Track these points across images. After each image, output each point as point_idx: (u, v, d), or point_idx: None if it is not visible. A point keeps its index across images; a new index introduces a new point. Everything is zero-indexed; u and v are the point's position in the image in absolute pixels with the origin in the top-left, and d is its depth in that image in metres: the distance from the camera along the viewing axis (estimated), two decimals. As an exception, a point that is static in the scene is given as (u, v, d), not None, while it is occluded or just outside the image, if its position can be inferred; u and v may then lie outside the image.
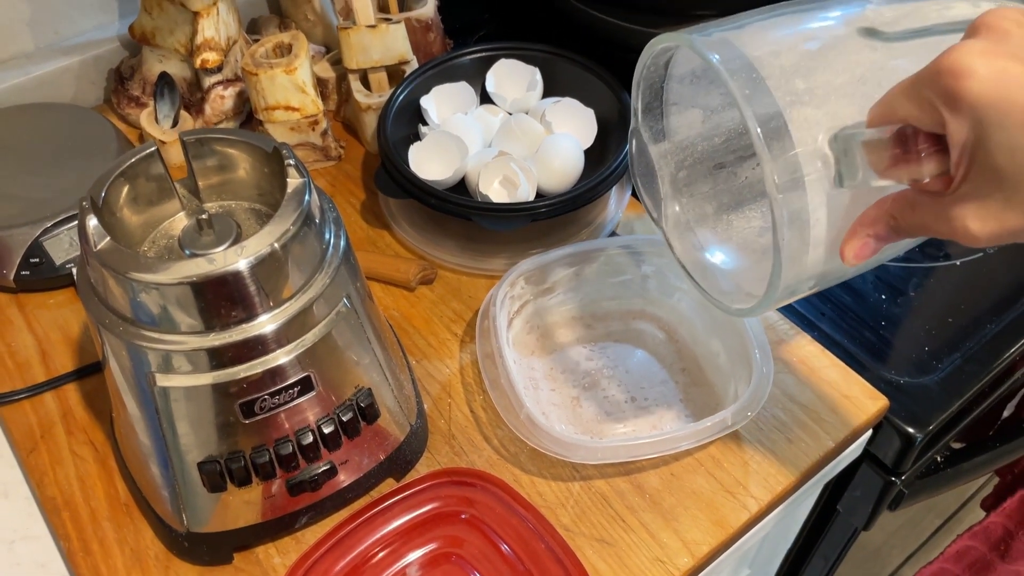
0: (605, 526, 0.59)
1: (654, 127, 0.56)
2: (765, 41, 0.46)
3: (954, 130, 0.36)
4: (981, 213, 0.37)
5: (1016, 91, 0.34)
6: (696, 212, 0.58)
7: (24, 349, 0.70)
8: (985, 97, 0.34)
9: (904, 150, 0.38)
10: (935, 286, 0.77)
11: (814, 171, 0.43)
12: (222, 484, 0.53)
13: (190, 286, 0.47)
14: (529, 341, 0.70)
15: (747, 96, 0.43)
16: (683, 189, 0.58)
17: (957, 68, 0.35)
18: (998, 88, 0.34)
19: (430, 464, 0.62)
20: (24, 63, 0.87)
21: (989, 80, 0.34)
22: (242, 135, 0.54)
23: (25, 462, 0.63)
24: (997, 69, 0.35)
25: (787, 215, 0.44)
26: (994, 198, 0.36)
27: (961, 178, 0.37)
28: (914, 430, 0.67)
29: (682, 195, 0.58)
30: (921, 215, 0.40)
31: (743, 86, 0.44)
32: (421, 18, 0.88)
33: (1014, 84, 0.34)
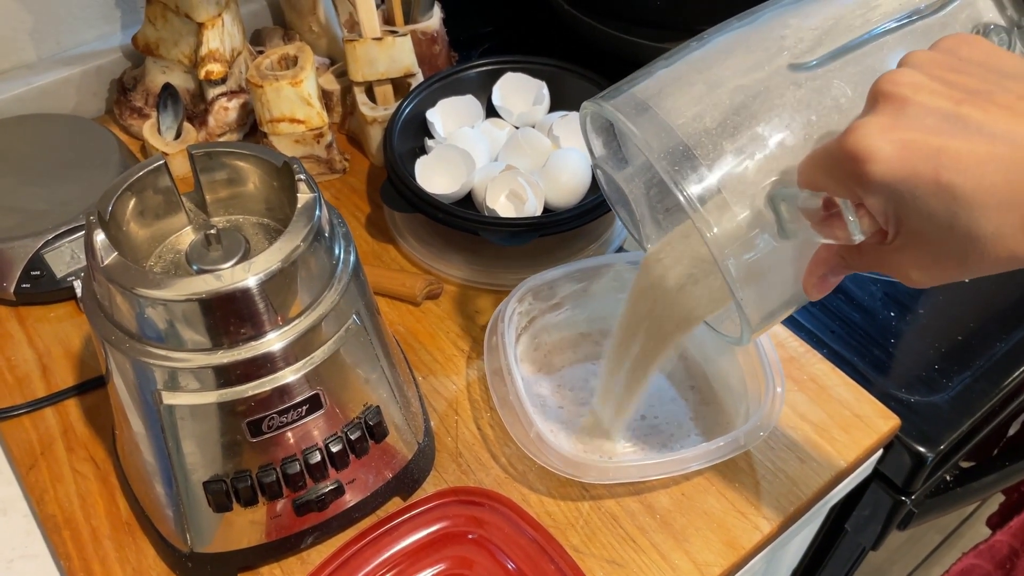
0: (616, 547, 0.58)
1: (616, 155, 0.56)
2: (689, 101, 0.45)
3: (871, 205, 0.37)
4: (919, 263, 0.38)
5: (920, 163, 0.34)
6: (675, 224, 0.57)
7: (24, 363, 0.69)
8: (891, 176, 0.35)
9: (836, 214, 0.39)
10: (944, 303, 0.76)
11: (757, 228, 0.43)
12: (227, 504, 0.52)
13: (198, 303, 0.46)
14: (536, 357, 0.69)
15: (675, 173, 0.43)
16: (657, 206, 0.57)
17: (860, 153, 0.36)
18: (903, 165, 0.35)
19: (437, 483, 0.62)
20: (26, 73, 0.87)
21: (892, 160, 0.35)
22: (251, 148, 0.54)
23: (25, 479, 0.62)
24: (898, 146, 0.35)
25: (736, 274, 0.44)
26: (927, 251, 0.37)
27: (893, 235, 0.38)
28: (925, 449, 0.66)
29: (658, 212, 0.58)
30: (867, 259, 0.41)
31: (673, 164, 0.43)
32: (427, 30, 0.87)
33: (917, 157, 0.34)
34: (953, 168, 0.34)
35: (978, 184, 0.34)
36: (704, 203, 0.43)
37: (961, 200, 0.34)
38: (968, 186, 0.34)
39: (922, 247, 0.37)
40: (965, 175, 0.34)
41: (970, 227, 0.34)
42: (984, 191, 0.34)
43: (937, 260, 0.37)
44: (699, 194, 0.43)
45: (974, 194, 0.34)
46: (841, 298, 0.76)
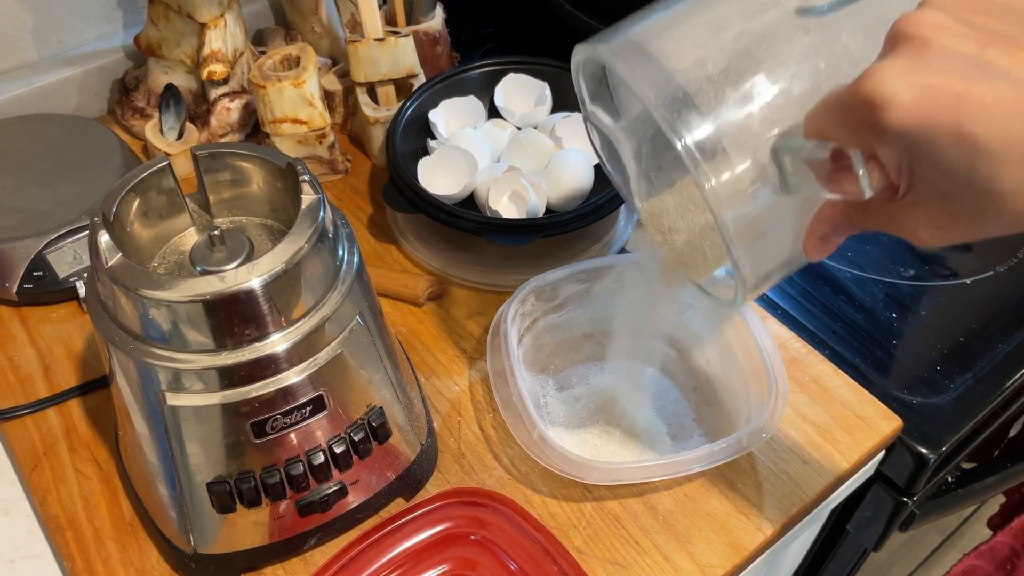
0: (618, 548, 0.58)
1: (607, 108, 0.53)
2: (690, 45, 0.42)
3: (885, 156, 0.35)
4: (930, 220, 0.35)
5: (941, 111, 0.32)
6: (667, 183, 0.55)
7: (26, 364, 0.69)
8: (909, 125, 0.33)
9: (845, 166, 0.37)
10: (945, 305, 0.76)
11: (759, 182, 0.41)
12: (231, 505, 0.52)
13: (202, 304, 0.46)
14: (539, 358, 0.69)
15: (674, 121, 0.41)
16: (650, 163, 0.55)
17: (876, 98, 0.33)
18: (922, 112, 0.32)
19: (440, 484, 0.62)
20: (27, 73, 0.87)
21: (911, 106, 0.33)
22: (255, 149, 0.54)
23: (27, 479, 0.62)
24: (918, 92, 0.33)
25: (734, 230, 0.42)
26: (940, 208, 0.35)
27: (905, 191, 0.36)
28: (927, 450, 0.66)
29: (650, 169, 0.55)
30: (875, 217, 0.38)
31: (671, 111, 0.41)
32: (429, 31, 0.87)
33: (938, 104, 0.32)
34: (976, 117, 0.32)
35: (1002, 135, 0.31)
36: (703, 153, 0.40)
37: (983, 152, 0.32)
38: (991, 137, 0.31)
39: (935, 203, 0.35)
40: (989, 125, 0.31)
41: (990, 182, 0.32)
42: (1008, 143, 0.31)
43: (951, 218, 0.35)
44: (698, 143, 0.40)
45: (997, 146, 0.31)
46: (843, 299, 0.76)
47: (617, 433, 0.64)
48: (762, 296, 0.75)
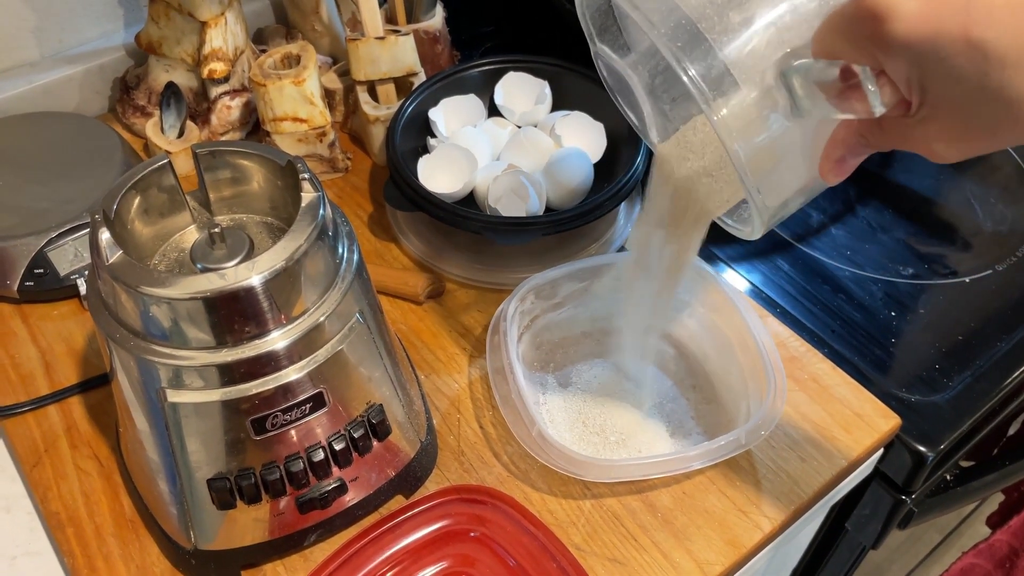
0: (617, 545, 0.58)
1: (616, 42, 0.51)
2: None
3: (893, 70, 0.34)
4: (945, 135, 0.35)
5: (947, 18, 0.31)
6: (682, 116, 0.54)
7: (28, 361, 0.69)
8: (915, 35, 0.32)
9: (855, 85, 0.36)
10: (944, 303, 0.76)
11: (768, 106, 0.40)
12: (231, 501, 0.52)
13: (203, 301, 0.46)
14: (538, 356, 0.69)
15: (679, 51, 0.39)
16: (663, 96, 0.53)
17: (880, 10, 0.32)
18: (927, 21, 0.31)
19: (439, 481, 0.62)
20: (28, 72, 0.87)
21: (915, 16, 0.31)
22: (255, 148, 0.54)
23: (28, 476, 0.62)
24: (919, 3, 0.31)
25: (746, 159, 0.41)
26: (954, 120, 0.34)
27: (917, 105, 0.35)
28: (925, 449, 0.66)
29: (663, 102, 0.54)
30: (889, 136, 0.38)
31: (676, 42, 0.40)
32: (429, 30, 0.88)
33: (943, 11, 0.31)
34: (984, 22, 0.30)
35: (1013, 40, 0.30)
36: (711, 84, 0.39)
37: (993, 59, 0.31)
38: (1002, 42, 0.30)
39: (949, 116, 0.34)
40: (998, 30, 0.30)
41: (1003, 89, 0.31)
42: (1020, 48, 0.30)
43: (966, 130, 0.34)
44: (705, 74, 0.39)
45: (1008, 51, 0.30)
46: (842, 297, 0.76)
47: (616, 430, 0.64)
48: (761, 294, 0.76)
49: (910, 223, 0.83)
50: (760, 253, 0.80)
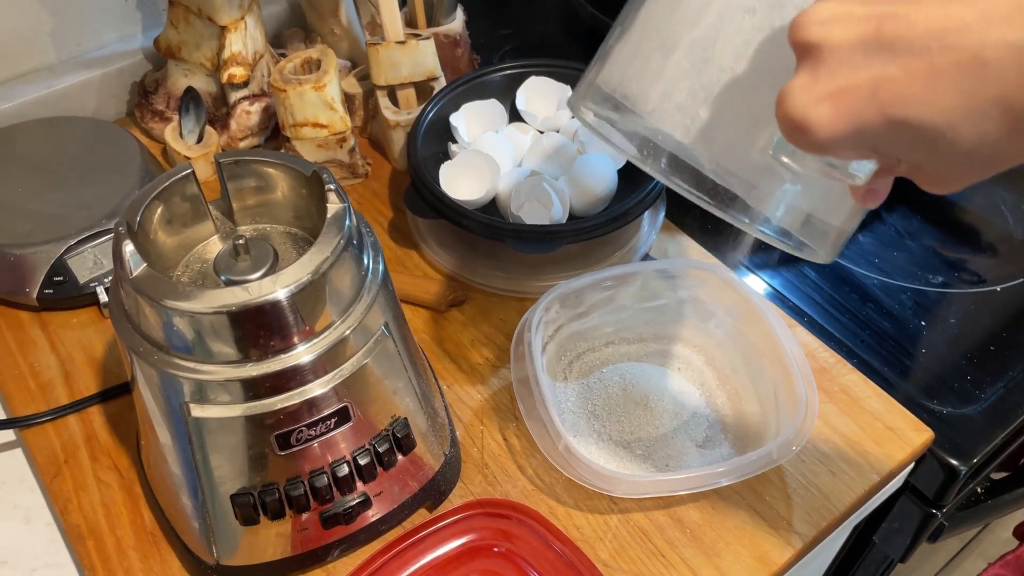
0: (645, 562, 0.57)
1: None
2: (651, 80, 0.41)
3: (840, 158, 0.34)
4: (934, 180, 0.34)
5: (862, 110, 0.30)
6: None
7: (47, 370, 0.68)
8: (839, 136, 0.31)
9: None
10: (975, 312, 0.75)
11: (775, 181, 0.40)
12: (255, 517, 0.52)
13: (227, 315, 0.45)
14: (563, 366, 0.68)
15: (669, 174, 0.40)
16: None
17: (795, 124, 0.32)
18: (845, 120, 0.31)
19: (463, 494, 0.61)
20: (46, 76, 0.86)
21: (830, 121, 0.31)
22: (279, 157, 0.53)
23: (48, 487, 0.62)
24: (830, 103, 0.31)
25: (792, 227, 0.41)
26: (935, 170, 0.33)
27: (895, 164, 0.34)
28: (958, 462, 0.65)
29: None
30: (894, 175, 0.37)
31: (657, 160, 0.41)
32: (449, 33, 0.87)
33: (855, 105, 0.30)
34: (898, 102, 0.30)
35: (932, 107, 0.29)
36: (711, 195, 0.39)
37: (924, 129, 0.30)
38: (923, 114, 0.29)
39: (928, 169, 0.33)
40: (914, 104, 0.29)
41: (954, 146, 0.30)
42: (943, 111, 0.29)
43: (949, 174, 0.33)
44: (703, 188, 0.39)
45: (935, 119, 0.29)
46: (871, 307, 0.75)
47: (643, 443, 0.63)
48: (787, 302, 0.74)
49: (938, 230, 0.82)
50: (786, 261, 0.79)
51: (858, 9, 0.31)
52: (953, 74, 0.28)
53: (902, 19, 0.30)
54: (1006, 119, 0.29)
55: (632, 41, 0.43)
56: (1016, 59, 0.27)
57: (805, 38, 0.32)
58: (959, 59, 0.28)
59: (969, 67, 0.28)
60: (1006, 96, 0.28)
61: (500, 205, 0.74)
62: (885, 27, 0.30)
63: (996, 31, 0.28)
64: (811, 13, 0.32)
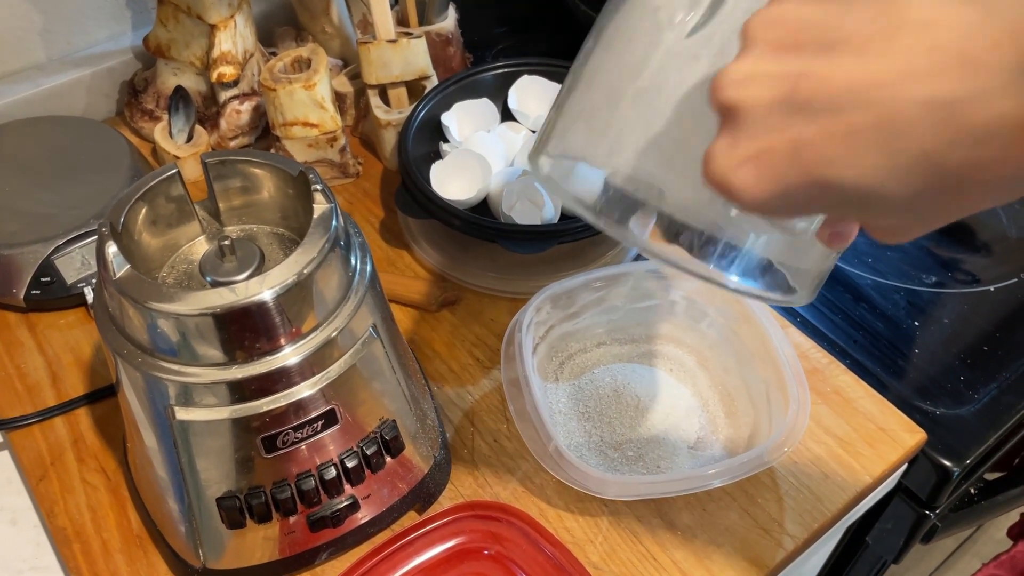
0: (636, 564, 0.57)
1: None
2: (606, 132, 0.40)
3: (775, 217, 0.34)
4: (881, 232, 0.33)
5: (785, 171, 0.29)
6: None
7: (34, 371, 0.68)
8: (765, 197, 0.30)
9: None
10: (969, 313, 0.75)
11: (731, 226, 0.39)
12: (241, 520, 0.51)
13: (212, 317, 0.45)
14: (554, 367, 0.68)
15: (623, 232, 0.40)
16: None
17: (720, 187, 0.31)
18: (769, 183, 0.30)
19: (453, 497, 0.60)
20: (35, 75, 0.86)
21: (754, 184, 0.30)
22: (266, 157, 0.52)
23: (35, 490, 0.61)
24: (752, 166, 0.30)
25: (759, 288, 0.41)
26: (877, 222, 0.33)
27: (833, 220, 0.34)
28: (951, 463, 0.64)
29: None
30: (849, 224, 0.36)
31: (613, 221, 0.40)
32: (441, 32, 0.86)
33: (778, 167, 0.29)
34: (821, 163, 0.28)
35: (855, 167, 0.28)
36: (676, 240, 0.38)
37: (851, 189, 0.29)
38: (847, 175, 0.28)
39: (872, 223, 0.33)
40: (837, 165, 0.28)
41: (887, 203, 0.29)
42: (867, 171, 0.28)
43: (896, 228, 0.32)
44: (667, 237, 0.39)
45: (859, 179, 0.28)
46: (864, 307, 0.74)
47: (635, 445, 0.62)
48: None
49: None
50: (779, 261, 0.78)
51: (774, 67, 0.30)
52: (872, 133, 0.27)
53: (817, 77, 0.28)
54: (934, 176, 0.27)
55: (579, 95, 0.42)
56: (935, 116, 0.26)
57: (722, 99, 0.31)
58: (877, 118, 0.27)
59: (888, 125, 0.27)
60: (929, 153, 0.27)
61: (492, 205, 0.74)
62: (801, 86, 0.29)
63: (913, 88, 0.26)
64: (728, 73, 0.31)
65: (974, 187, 0.28)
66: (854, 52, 0.28)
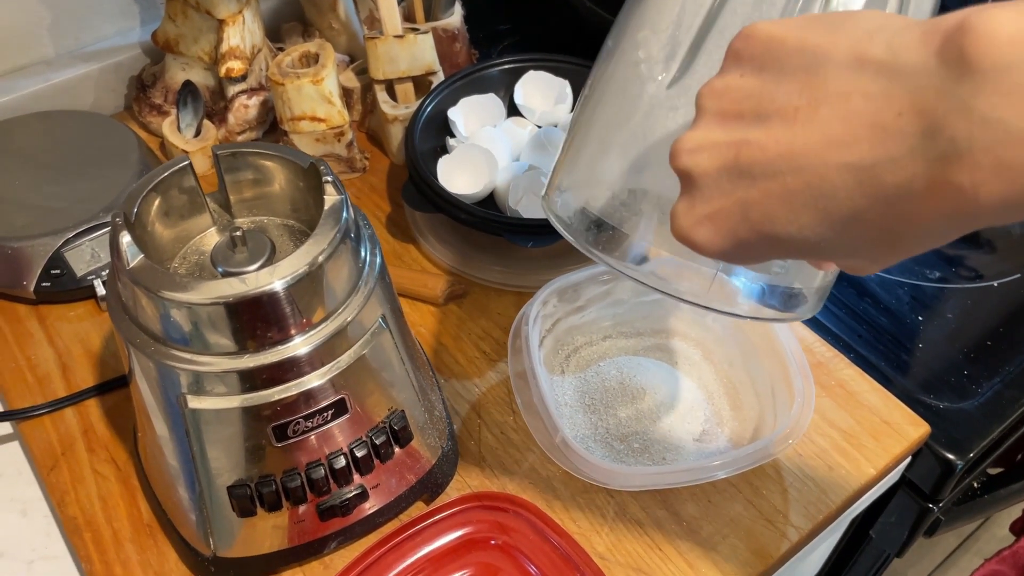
0: (641, 555, 0.57)
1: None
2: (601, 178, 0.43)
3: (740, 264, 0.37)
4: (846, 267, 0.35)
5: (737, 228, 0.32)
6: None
7: (44, 363, 0.68)
8: (724, 251, 0.33)
9: None
10: (972, 308, 0.75)
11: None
12: (252, 509, 0.52)
13: (224, 306, 0.45)
14: (560, 360, 0.68)
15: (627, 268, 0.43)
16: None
17: (686, 242, 0.34)
18: (725, 239, 0.33)
19: (460, 487, 0.61)
20: (44, 70, 0.86)
21: (712, 240, 0.33)
22: (277, 149, 0.53)
23: (45, 480, 0.62)
24: (708, 225, 0.33)
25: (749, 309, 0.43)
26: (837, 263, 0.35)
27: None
28: (954, 457, 0.65)
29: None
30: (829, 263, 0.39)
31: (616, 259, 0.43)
32: (448, 28, 0.86)
33: (730, 225, 0.32)
34: (766, 221, 0.31)
35: (796, 225, 0.31)
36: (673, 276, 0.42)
37: (795, 244, 0.31)
38: (791, 231, 0.31)
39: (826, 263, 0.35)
40: (780, 223, 0.31)
41: (836, 253, 0.32)
42: (807, 228, 0.30)
43: (857, 268, 0.35)
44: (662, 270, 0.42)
45: (801, 235, 0.31)
46: (868, 301, 0.75)
47: (640, 437, 0.63)
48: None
49: (936, 225, 0.82)
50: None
51: (720, 136, 0.32)
52: (806, 194, 0.30)
53: (755, 145, 0.31)
54: (865, 230, 0.30)
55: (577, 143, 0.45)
56: (855, 179, 0.28)
57: (678, 166, 0.34)
58: (808, 181, 0.29)
59: (816, 188, 0.29)
60: (855, 212, 0.29)
61: (498, 199, 0.74)
62: (742, 154, 0.31)
63: (834, 154, 0.29)
64: (682, 142, 0.34)
65: (904, 237, 0.30)
66: (785, 122, 0.30)
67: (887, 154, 0.27)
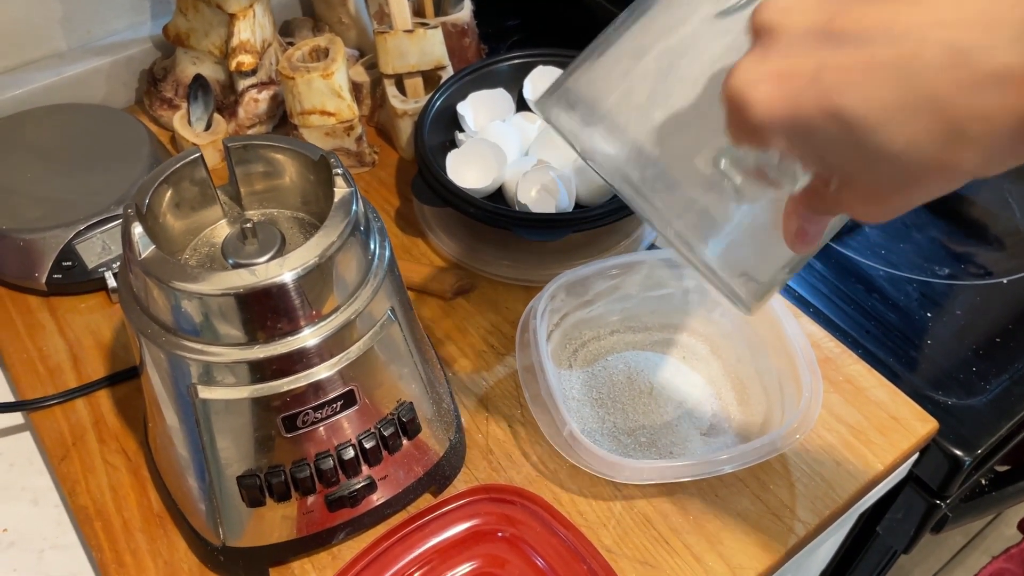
0: (648, 548, 0.57)
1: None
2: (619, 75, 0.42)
3: (776, 152, 0.34)
4: (861, 198, 0.34)
5: (801, 93, 0.31)
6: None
7: (55, 354, 0.69)
8: (775, 118, 0.32)
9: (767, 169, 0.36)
10: (981, 304, 0.75)
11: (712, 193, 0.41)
12: (261, 499, 0.52)
13: (234, 297, 0.46)
14: (568, 354, 0.68)
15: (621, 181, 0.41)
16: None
17: (737, 99, 0.33)
18: (783, 100, 0.31)
19: (468, 480, 0.61)
20: (56, 63, 0.87)
21: (768, 100, 0.32)
22: (287, 142, 0.53)
23: (56, 470, 0.62)
24: (773, 81, 0.32)
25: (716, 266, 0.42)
26: (863, 184, 0.34)
27: (826, 176, 0.35)
28: (962, 453, 0.65)
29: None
30: (827, 203, 0.37)
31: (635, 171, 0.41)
32: (457, 23, 0.87)
33: (796, 86, 0.31)
34: (837, 89, 0.30)
35: (866, 98, 0.30)
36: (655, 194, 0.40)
37: (856, 123, 0.30)
38: (858, 103, 0.30)
39: (855, 181, 0.34)
40: (851, 93, 0.30)
41: (881, 149, 0.31)
42: (875, 104, 0.30)
43: (877, 192, 0.34)
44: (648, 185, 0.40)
45: (868, 111, 0.30)
46: (876, 297, 0.75)
47: (647, 431, 0.63)
48: (793, 293, 0.74)
49: (945, 222, 0.82)
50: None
51: (815, 2, 0.32)
52: (891, 68, 0.29)
53: (854, 14, 0.31)
54: (934, 122, 0.29)
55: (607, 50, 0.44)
56: (952, 60, 0.28)
57: (764, 20, 0.33)
58: (899, 54, 0.29)
59: (907, 63, 0.29)
60: (937, 97, 0.29)
61: (507, 194, 0.75)
62: (837, 19, 0.31)
63: (938, 32, 0.29)
64: (774, 1, 0.33)
65: (964, 139, 0.29)
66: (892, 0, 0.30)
67: (990, 41, 0.28)
